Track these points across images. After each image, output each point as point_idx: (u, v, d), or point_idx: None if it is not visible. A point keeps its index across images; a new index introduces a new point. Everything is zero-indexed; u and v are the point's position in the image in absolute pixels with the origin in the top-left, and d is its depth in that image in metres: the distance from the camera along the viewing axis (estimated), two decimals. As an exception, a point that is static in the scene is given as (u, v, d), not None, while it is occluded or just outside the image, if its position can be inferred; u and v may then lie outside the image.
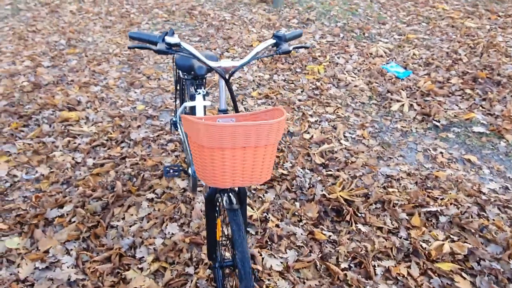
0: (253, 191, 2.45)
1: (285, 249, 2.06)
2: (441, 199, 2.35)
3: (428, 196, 2.38)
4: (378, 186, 2.46)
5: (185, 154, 2.27)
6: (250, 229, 2.19)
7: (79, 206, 2.31)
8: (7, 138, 2.96)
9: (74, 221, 2.22)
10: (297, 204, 2.34)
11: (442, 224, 2.19)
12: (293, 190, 2.46)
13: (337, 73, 3.81)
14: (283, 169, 2.61)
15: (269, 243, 2.10)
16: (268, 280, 1.89)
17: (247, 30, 4.81)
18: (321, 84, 3.64)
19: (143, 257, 2.02)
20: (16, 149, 2.84)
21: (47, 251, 2.06)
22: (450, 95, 3.44)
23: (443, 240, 2.08)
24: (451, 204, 2.31)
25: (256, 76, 3.81)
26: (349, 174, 2.57)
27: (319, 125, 3.10)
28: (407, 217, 2.23)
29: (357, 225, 2.18)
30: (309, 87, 3.61)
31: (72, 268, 1.96)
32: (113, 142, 2.92)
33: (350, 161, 2.70)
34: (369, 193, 2.40)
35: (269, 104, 3.39)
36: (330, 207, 2.31)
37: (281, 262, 1.99)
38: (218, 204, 1.56)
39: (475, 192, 2.41)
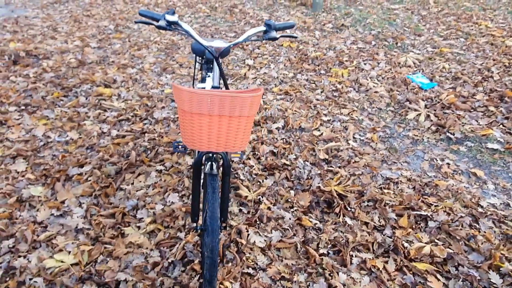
0: (254, 176, 2.60)
1: (271, 229, 2.19)
2: (435, 206, 2.37)
3: (422, 201, 2.42)
4: (374, 186, 2.53)
5: None
6: (243, 208, 2.35)
7: (96, 168, 2.59)
8: (48, 105, 3.33)
9: (90, 180, 2.49)
10: (292, 192, 2.47)
11: (430, 229, 2.22)
12: (291, 179, 2.58)
13: (360, 78, 3.87)
14: (286, 160, 2.75)
15: (258, 222, 2.25)
16: (249, 253, 2.04)
17: (282, 31, 4.97)
18: (342, 87, 3.72)
19: (142, 218, 2.24)
20: (54, 115, 3.20)
21: (63, 202, 2.34)
22: (471, 110, 3.40)
23: (426, 243, 2.12)
24: (444, 211, 2.33)
25: (281, 74, 3.96)
26: (349, 172, 2.66)
27: (331, 124, 3.20)
28: (395, 217, 2.29)
29: (344, 218, 2.27)
30: (329, 88, 3.70)
31: (81, 218, 2.22)
32: (137, 118, 3.20)
33: (353, 161, 2.78)
34: (364, 191, 2.47)
35: (287, 101, 3.52)
36: (322, 198, 2.41)
37: (265, 240, 2.12)
38: (203, 172, 1.73)
39: (473, 204, 2.40)
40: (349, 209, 2.34)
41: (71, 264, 1.95)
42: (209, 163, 1.61)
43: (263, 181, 2.56)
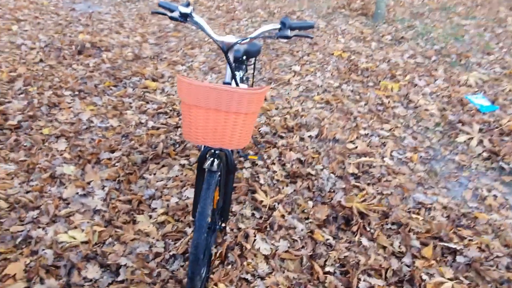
0: (275, 181, 2.53)
1: (280, 238, 2.10)
2: (469, 240, 2.11)
3: (454, 232, 2.16)
4: (402, 209, 2.32)
5: None
6: (256, 212, 2.29)
7: (125, 155, 2.69)
8: (98, 92, 3.56)
9: (116, 165, 2.60)
10: (310, 203, 2.35)
11: (457, 264, 1.98)
12: (313, 190, 2.47)
13: (411, 93, 3.62)
14: (312, 169, 2.63)
15: (268, 229, 2.17)
16: (252, 259, 1.97)
17: (336, 40, 4.83)
18: (388, 101, 3.50)
19: (156, 208, 2.28)
20: (101, 102, 3.40)
21: (89, 183, 2.46)
22: (536, 140, 3.00)
23: (449, 279, 1.88)
24: (478, 247, 2.06)
25: (326, 82, 3.84)
26: (377, 190, 2.47)
27: (369, 138, 3.01)
28: (419, 246, 2.07)
29: (361, 238, 2.11)
30: (374, 102, 3.50)
31: (100, 200, 2.32)
32: (174, 112, 3.29)
33: (384, 179, 2.58)
34: (389, 213, 2.28)
35: (327, 110, 3.40)
36: (341, 214, 2.26)
37: (271, 248, 2.04)
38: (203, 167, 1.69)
39: (516, 244, 2.10)
40: (368, 229, 2.17)
41: (81, 241, 2.03)
42: (211, 159, 1.58)
43: (283, 188, 2.48)
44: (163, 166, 2.63)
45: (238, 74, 2.21)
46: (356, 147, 2.90)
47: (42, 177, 2.48)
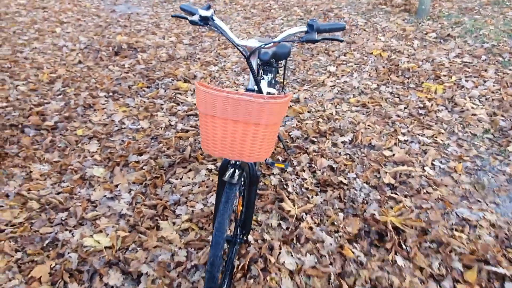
0: (304, 190, 2.41)
1: (307, 252, 1.98)
2: (520, 265, 1.88)
3: (503, 255, 1.94)
4: (444, 226, 2.12)
5: None
6: (283, 222, 2.18)
7: (153, 158, 2.68)
8: (132, 94, 3.59)
9: (144, 169, 2.59)
10: (341, 215, 2.21)
11: (506, 292, 1.76)
12: (344, 200, 2.32)
13: (457, 96, 3.34)
14: (344, 178, 2.48)
15: (294, 241, 2.06)
16: (275, 274, 1.87)
17: (375, 38, 4.59)
18: (431, 104, 3.25)
19: (180, 214, 2.23)
20: (134, 103, 3.43)
21: (116, 186, 2.46)
22: None
23: (496, 309, 1.68)
24: (531, 274, 1.83)
25: (363, 84, 3.64)
26: (415, 203, 2.28)
27: (408, 145, 2.80)
28: (461, 269, 1.87)
29: (396, 256, 1.94)
30: (415, 105, 3.27)
31: (126, 204, 2.31)
32: (204, 115, 3.24)
33: (424, 191, 2.38)
34: (429, 230, 2.09)
35: (363, 113, 3.21)
36: (374, 228, 2.10)
37: (296, 263, 1.93)
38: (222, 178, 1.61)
39: None
40: (404, 247, 2.00)
41: (105, 246, 2.03)
42: (231, 170, 1.49)
43: (312, 197, 2.35)
44: (190, 170, 2.58)
45: (267, 78, 2.11)
46: (394, 155, 2.71)
47: (73, 179, 2.52)
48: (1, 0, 6.69)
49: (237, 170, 1.50)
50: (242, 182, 1.78)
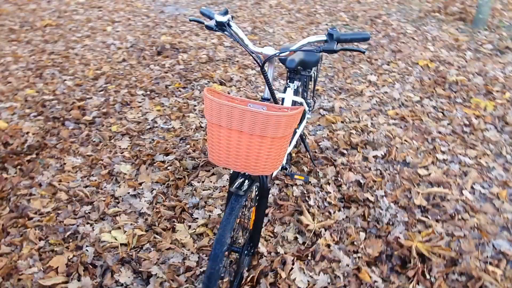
0: (326, 204, 2.30)
1: (320, 271, 1.89)
2: None
3: (544, 299, 1.72)
4: (477, 257, 1.92)
5: None
6: (300, 236, 2.09)
7: (178, 159, 2.70)
8: (168, 93, 3.66)
9: (168, 169, 2.61)
10: (363, 234, 2.08)
11: None
12: (368, 219, 2.18)
13: (509, 115, 3.05)
14: (372, 195, 2.34)
15: (309, 257, 1.97)
16: (285, 290, 1.79)
17: (423, 47, 4.33)
18: (478, 122, 2.99)
19: (197, 218, 2.22)
20: (168, 103, 3.49)
21: (140, 184, 2.51)
22: None
23: None
24: None
25: (404, 95, 3.44)
26: (447, 230, 2.09)
27: (447, 165, 2.59)
28: (492, 309, 1.68)
29: (417, 286, 1.79)
30: (460, 121, 3.03)
31: (147, 203, 2.34)
32: (235, 118, 3.22)
33: (459, 217, 2.18)
34: (459, 260, 1.90)
35: (400, 127, 3.03)
36: (397, 253, 1.96)
37: (308, 281, 1.84)
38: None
39: None
40: (428, 276, 1.83)
41: (120, 243, 2.06)
42: (240, 180, 1.44)
43: (334, 212, 2.24)
44: (213, 174, 2.57)
45: (292, 86, 2.04)
46: (429, 174, 2.52)
47: (101, 173, 2.60)
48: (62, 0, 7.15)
49: (246, 181, 1.45)
50: (257, 193, 1.73)
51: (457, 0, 5.48)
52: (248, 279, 1.85)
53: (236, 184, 1.43)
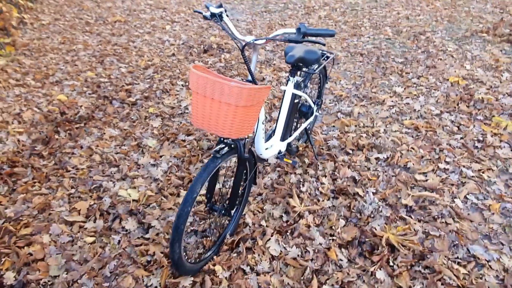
0: (317, 193, 2.50)
1: (294, 245, 2.10)
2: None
3: (500, 300, 1.78)
4: (446, 256, 2.01)
5: None
6: (285, 216, 2.32)
7: (196, 140, 3.05)
8: (203, 86, 4.06)
9: (187, 147, 2.97)
10: (342, 222, 2.25)
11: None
12: (352, 210, 2.35)
13: (529, 136, 3.01)
14: (363, 191, 2.49)
15: (288, 233, 2.19)
16: (258, 255, 2.04)
17: (460, 65, 4.31)
18: (493, 140, 2.99)
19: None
20: (202, 94, 3.88)
21: (161, 156, 2.89)
22: None
23: None
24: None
25: (424, 108, 3.50)
26: (425, 229, 2.19)
27: (446, 174, 2.66)
28: (444, 299, 1.78)
29: (379, 270, 1.93)
30: (474, 137, 3.04)
31: (162, 172, 2.71)
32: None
33: (442, 221, 2.27)
34: (427, 256, 2.01)
35: (412, 136, 3.11)
36: (369, 240, 2.11)
37: (281, 251, 2.06)
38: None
39: None
40: (392, 265, 1.97)
41: (133, 199, 2.44)
42: (221, 145, 1.74)
43: (323, 200, 2.43)
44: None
45: (292, 79, 2.29)
46: (426, 180, 2.60)
47: (131, 144, 3.03)
48: (135, 0, 7.99)
49: (226, 148, 1.74)
50: (247, 168, 2.00)
51: (509, 21, 5.32)
52: (229, 241, 2.11)
53: (216, 148, 1.72)
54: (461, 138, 3.06)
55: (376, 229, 2.17)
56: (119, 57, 4.86)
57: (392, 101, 3.66)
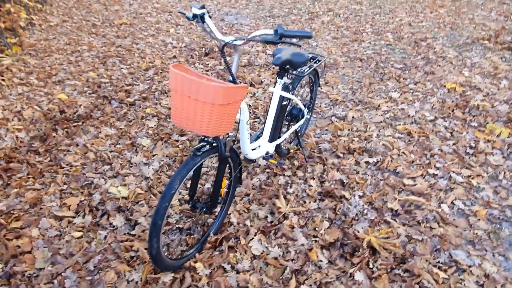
0: (304, 195, 2.52)
1: (276, 245, 2.12)
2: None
3: (477, 305, 1.77)
4: (427, 260, 2.02)
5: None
6: (270, 216, 2.34)
7: (189, 140, 3.09)
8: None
9: (179, 147, 3.02)
10: (326, 223, 2.27)
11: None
12: (337, 212, 2.36)
13: (522, 143, 2.99)
14: (350, 194, 2.51)
15: (271, 233, 2.21)
16: (240, 254, 2.06)
17: (459, 72, 4.30)
18: (486, 146, 2.98)
19: (188, 187, 2.57)
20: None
21: (154, 155, 2.94)
22: None
23: None
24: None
25: (419, 114, 3.50)
26: (408, 233, 2.20)
27: (435, 180, 2.66)
28: (420, 302, 1.79)
29: (358, 272, 1.94)
30: (466, 143, 3.04)
31: (153, 170, 2.76)
32: (252, 115, 3.56)
33: (426, 225, 2.27)
34: (408, 259, 2.02)
35: (404, 141, 3.12)
36: (351, 243, 2.12)
37: (263, 251, 2.09)
38: None
39: None
40: (372, 266, 1.98)
41: (122, 196, 2.49)
42: (201, 144, 1.78)
43: (309, 202, 2.45)
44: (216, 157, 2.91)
45: (280, 81, 2.32)
46: (415, 185, 2.61)
47: (125, 143, 3.09)
48: (142, 3, 8.12)
49: (207, 146, 1.78)
50: (231, 168, 2.03)
51: (511, 29, 5.29)
52: (213, 240, 2.14)
53: (197, 146, 1.76)
54: (453, 144, 3.06)
55: (359, 232, 2.18)
56: (121, 58, 4.95)
57: (387, 106, 3.67)
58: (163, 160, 2.87)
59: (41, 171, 2.73)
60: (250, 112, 3.59)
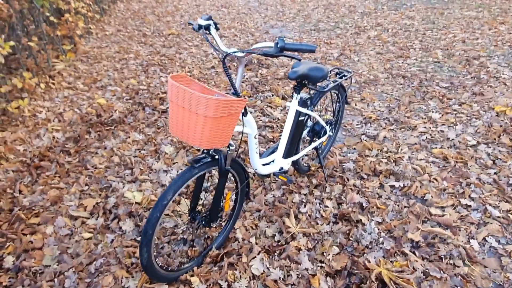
0: (318, 216, 2.39)
1: (278, 266, 2.02)
2: None
3: None
4: (443, 302, 1.80)
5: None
6: (278, 235, 2.24)
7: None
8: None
9: (199, 156, 3.02)
10: (336, 249, 2.12)
11: None
12: (350, 238, 2.21)
13: None
14: (368, 219, 2.34)
15: (275, 254, 2.11)
16: (239, 272, 1.99)
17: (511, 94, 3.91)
18: None
19: (201, 198, 2.55)
20: (230, 107, 3.94)
21: (174, 163, 2.97)
22: None
23: None
24: None
25: (460, 137, 3.21)
26: (425, 269, 1.99)
27: (468, 211, 2.40)
28: None
29: (362, 306, 1.78)
30: (510, 174, 2.72)
31: (170, 178, 2.78)
32: (278, 129, 3.48)
33: (449, 262, 2.04)
34: (421, 298, 1.82)
35: (438, 166, 2.87)
36: (360, 273, 1.96)
37: (263, 271, 1.99)
38: None
39: None
40: (378, 302, 1.81)
41: (136, 202, 2.53)
42: (200, 156, 1.75)
43: (322, 224, 2.32)
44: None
45: (296, 96, 2.24)
46: (443, 216, 2.37)
47: (150, 149, 3.16)
48: (193, 15, 8.42)
49: (205, 159, 1.74)
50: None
51: None
52: (214, 254, 2.09)
53: (195, 157, 1.73)
54: (495, 173, 2.75)
55: (369, 262, 2.01)
56: (163, 67, 5.13)
57: (425, 127, 3.42)
58: (181, 169, 2.89)
59: (67, 171, 2.87)
60: (277, 126, 3.52)
